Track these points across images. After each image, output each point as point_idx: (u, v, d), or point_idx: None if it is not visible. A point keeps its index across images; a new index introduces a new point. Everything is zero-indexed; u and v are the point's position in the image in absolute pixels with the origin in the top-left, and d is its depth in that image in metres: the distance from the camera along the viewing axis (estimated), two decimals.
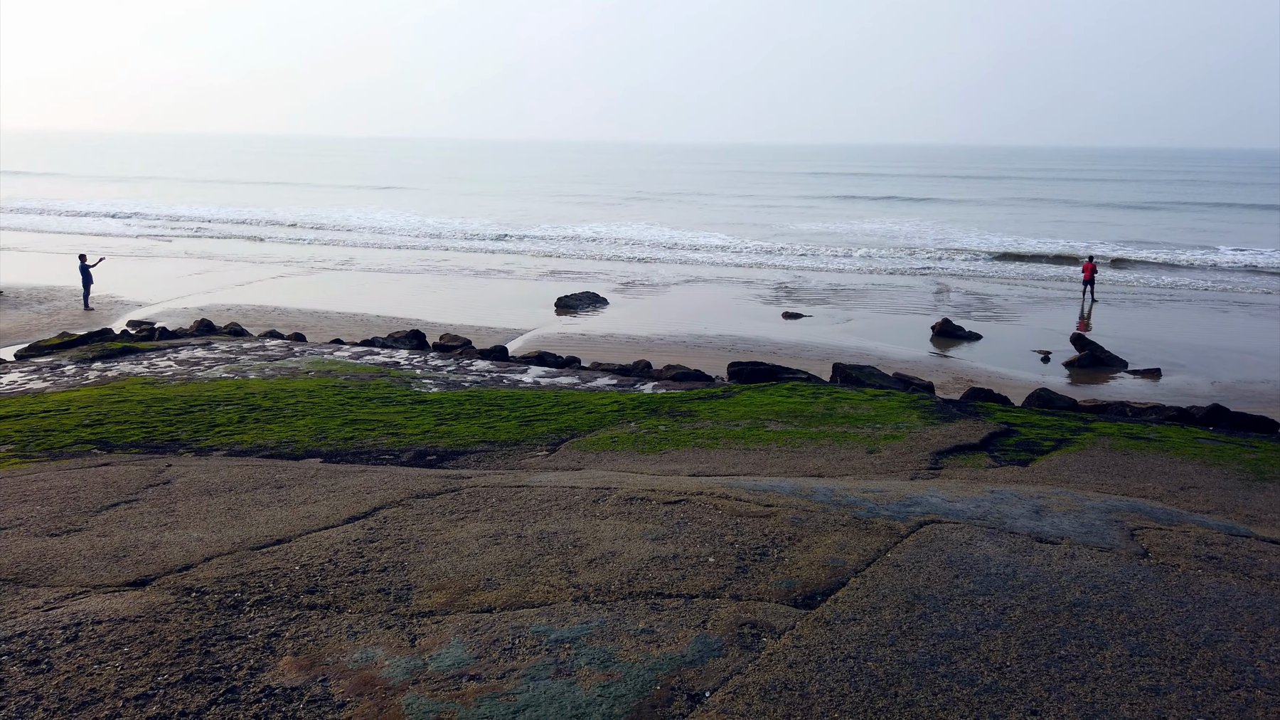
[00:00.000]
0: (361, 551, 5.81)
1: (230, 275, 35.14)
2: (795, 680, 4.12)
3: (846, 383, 15.86)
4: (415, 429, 11.91)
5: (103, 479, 8.11)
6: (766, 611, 4.84)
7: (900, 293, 33.17)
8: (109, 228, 51.53)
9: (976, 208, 72.70)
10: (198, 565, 5.57)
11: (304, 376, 15.87)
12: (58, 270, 29.56)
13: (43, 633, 4.52)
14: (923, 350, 22.90)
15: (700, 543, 5.88)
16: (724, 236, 50.14)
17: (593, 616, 4.77)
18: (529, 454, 10.71)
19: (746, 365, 16.95)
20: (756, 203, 76.61)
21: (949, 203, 76.53)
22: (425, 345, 20.78)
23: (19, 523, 6.72)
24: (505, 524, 6.39)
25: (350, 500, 7.18)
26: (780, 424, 11.66)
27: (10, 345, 21.31)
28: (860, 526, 6.23)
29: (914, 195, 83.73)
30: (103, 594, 5.13)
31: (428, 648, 4.41)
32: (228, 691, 3.99)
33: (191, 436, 11.23)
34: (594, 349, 21.87)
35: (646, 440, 11.03)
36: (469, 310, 27.79)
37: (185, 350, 18.83)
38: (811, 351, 21.94)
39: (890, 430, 11.15)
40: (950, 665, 4.30)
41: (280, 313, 26.75)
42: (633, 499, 6.94)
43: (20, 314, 26.28)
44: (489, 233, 51.15)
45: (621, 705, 3.89)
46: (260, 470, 8.54)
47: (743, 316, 27.47)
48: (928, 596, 5.05)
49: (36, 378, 16.40)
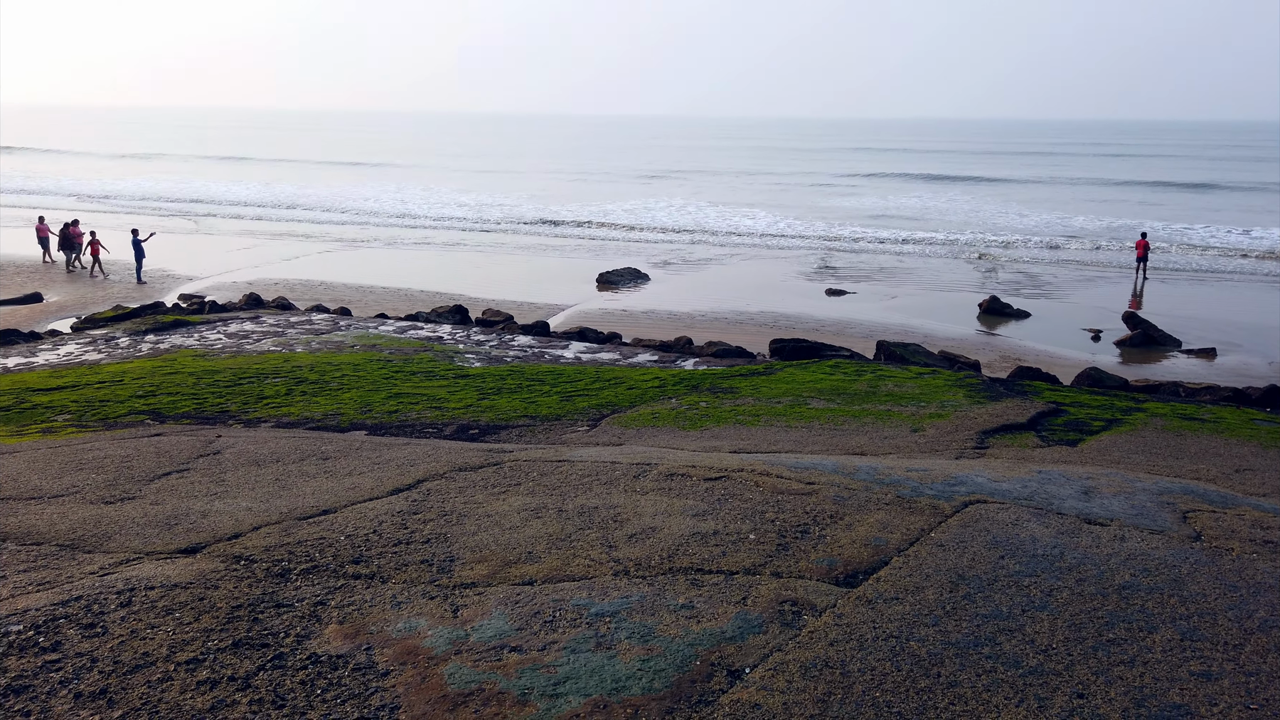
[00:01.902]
0: (405, 523, 5.88)
1: (276, 250, 35.64)
2: (836, 658, 4.09)
3: (890, 360, 15.67)
4: (458, 403, 12.01)
5: (155, 448, 8.30)
6: (807, 589, 4.81)
7: (946, 270, 32.66)
8: (141, 206, 52.57)
9: (1026, 184, 71.14)
10: (246, 534, 5.68)
11: (349, 350, 16.08)
12: (110, 244, 30.21)
13: (98, 597, 4.64)
14: (969, 328, 22.55)
15: (741, 519, 5.86)
16: (764, 212, 49.68)
17: (633, 591, 4.78)
18: (570, 429, 10.76)
19: (789, 342, 16.82)
20: (795, 179, 75.71)
21: (997, 179, 74.91)
22: (468, 320, 20.92)
23: (75, 490, 6.90)
24: (546, 498, 6.42)
25: (394, 472, 7.26)
26: (823, 401, 11.56)
27: (66, 318, 21.86)
28: (903, 505, 6.16)
29: (961, 172, 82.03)
30: (155, 560, 5.26)
31: (470, 619, 4.46)
32: (275, 658, 4.07)
33: (240, 408, 11.45)
34: (635, 325, 21.86)
35: (687, 416, 11.01)
36: (511, 285, 27.91)
37: (234, 324, 19.17)
38: (855, 329, 21.71)
39: (935, 409, 11.01)
40: (995, 647, 4.25)
41: (326, 287, 27.09)
42: (673, 475, 6.93)
43: (75, 287, 26.92)
44: (527, 209, 51.21)
45: (661, 679, 3.89)
46: (307, 442, 8.68)
47: (784, 293, 27.24)
48: (972, 577, 4.99)
49: (92, 349, 16.82)
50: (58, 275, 28.71)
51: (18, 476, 7.33)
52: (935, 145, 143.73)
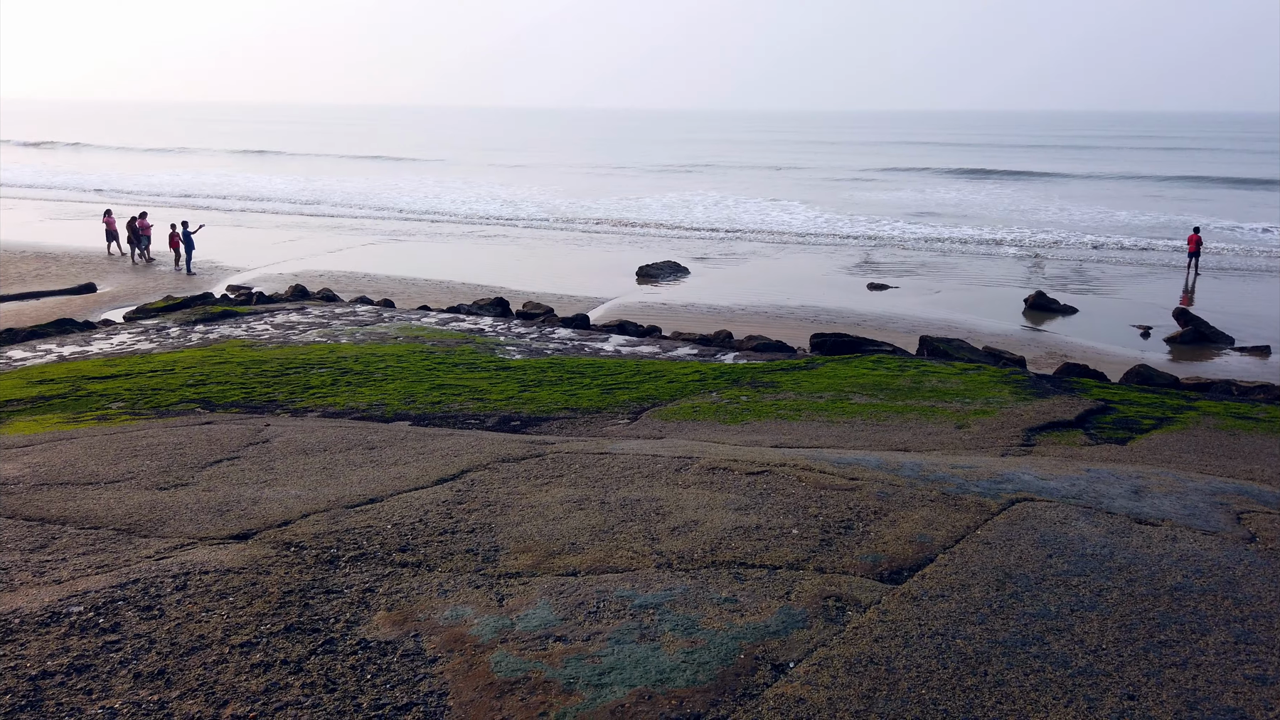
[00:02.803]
0: (450, 512, 5.95)
1: (321, 242, 36.14)
2: (881, 655, 4.08)
3: (934, 356, 15.51)
4: (500, 395, 12.11)
5: (206, 436, 8.48)
6: (851, 585, 4.79)
7: (990, 264, 32.20)
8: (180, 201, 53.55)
9: (1066, 178, 69.72)
10: (296, 521, 5.79)
11: (393, 341, 16.28)
12: (160, 235, 30.85)
13: (155, 580, 4.76)
14: (1014, 324, 22.23)
15: (783, 514, 5.85)
16: (802, 206, 49.33)
17: (676, 584, 4.80)
18: (610, 422, 10.80)
19: (830, 337, 16.72)
20: (830, 173, 74.92)
21: (1036, 173, 73.43)
22: (509, 313, 21.07)
23: (131, 476, 7.08)
24: (589, 490, 6.46)
25: (439, 462, 7.35)
26: (865, 397, 11.48)
27: (119, 308, 22.38)
28: (949, 503, 6.11)
29: (998, 166, 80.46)
30: (209, 546, 5.38)
31: (515, 608, 4.50)
32: (326, 643, 4.15)
33: (288, 398, 11.65)
34: (675, 318, 21.86)
35: (728, 410, 10.99)
36: (551, 278, 28.03)
37: (281, 314, 19.49)
38: (897, 324, 21.51)
39: (980, 405, 10.88)
40: (1043, 646, 4.20)
41: (370, 279, 27.43)
42: (715, 469, 6.93)
43: (127, 277, 27.54)
44: (564, 202, 51.35)
45: (705, 672, 3.91)
46: (353, 431, 8.81)
47: (825, 287, 27.06)
48: (1019, 576, 4.93)
49: (144, 339, 17.21)
50: (110, 266, 29.38)
51: (75, 462, 7.54)
52: (969, 138, 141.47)
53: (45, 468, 7.35)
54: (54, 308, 22.31)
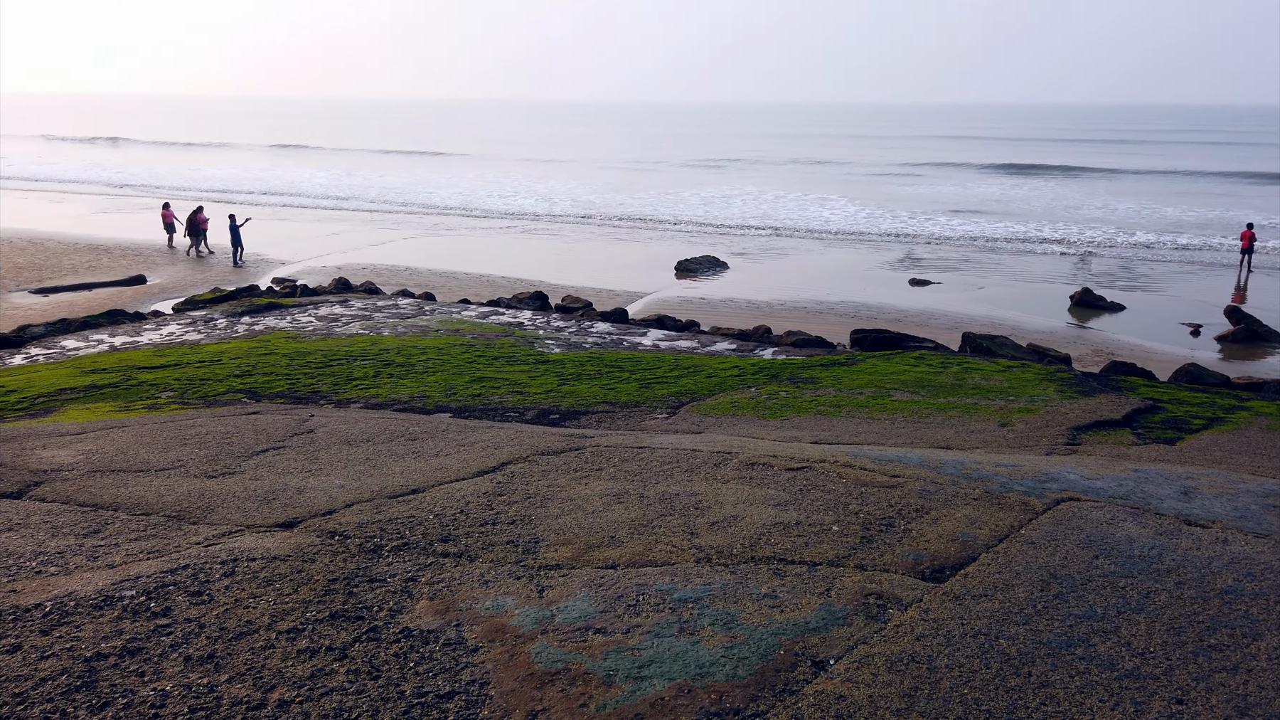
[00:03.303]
0: (491, 504, 6.00)
1: (363, 236, 36.58)
2: (923, 654, 4.04)
3: (977, 353, 15.31)
4: (539, 388, 12.18)
5: (253, 426, 8.63)
6: (892, 583, 4.76)
7: (1035, 260, 31.71)
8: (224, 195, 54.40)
9: (1109, 173, 68.24)
10: (340, 510, 5.88)
11: (434, 334, 16.43)
12: (219, 227, 31.44)
13: (204, 566, 4.86)
14: (1059, 321, 21.87)
15: (823, 511, 5.82)
16: (842, 201, 48.93)
17: (715, 578, 4.80)
18: (649, 416, 10.81)
19: (870, 333, 16.58)
20: (868, 167, 74.11)
21: (1077, 168, 71.90)
22: (548, 306, 21.17)
23: (180, 464, 7.24)
24: (628, 484, 6.48)
25: (479, 454, 7.42)
26: (906, 394, 11.37)
27: (168, 299, 22.85)
28: (992, 501, 6.03)
29: (1038, 160, 78.84)
30: (255, 533, 5.48)
31: (555, 600, 4.53)
32: (370, 630, 4.21)
33: (331, 389, 11.82)
34: (713, 313, 21.81)
35: (767, 406, 10.95)
36: (590, 272, 28.11)
37: (325, 307, 19.77)
38: (939, 320, 21.26)
39: (1024, 403, 10.72)
40: (1089, 648, 4.14)
41: (411, 272, 27.71)
42: (754, 464, 6.92)
43: (176, 269, 28.11)
44: (603, 197, 51.42)
45: (745, 667, 3.90)
46: (395, 423, 8.92)
47: (866, 283, 26.82)
48: (1065, 576, 4.86)
49: (192, 329, 17.55)
50: (159, 258, 30.00)
51: (127, 450, 7.72)
52: (1004, 132, 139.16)
53: (98, 455, 7.53)
54: (106, 299, 22.85)
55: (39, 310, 21.40)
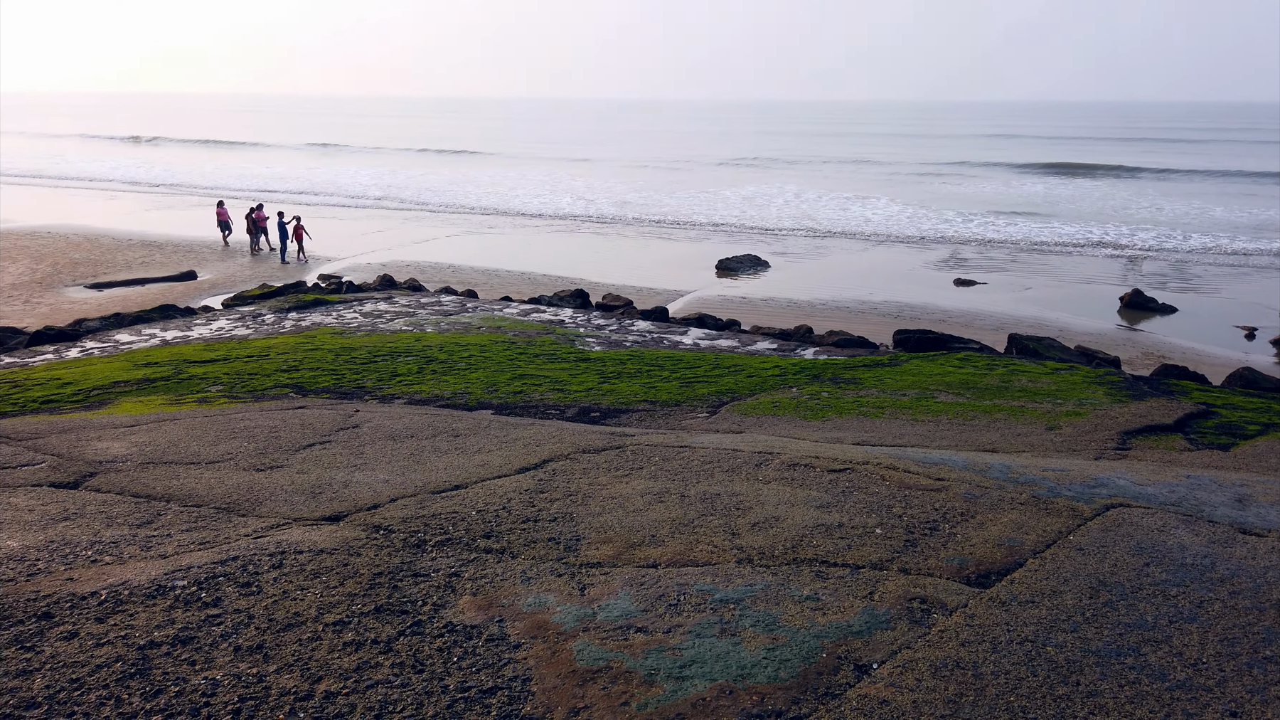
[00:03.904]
0: (533, 501, 6.04)
1: (407, 233, 36.98)
2: (968, 659, 3.99)
3: (1023, 354, 15.07)
4: (579, 386, 12.22)
5: (300, 421, 8.77)
6: (937, 587, 4.70)
7: (1083, 261, 31.13)
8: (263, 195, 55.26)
9: (1162, 173, 66.52)
10: (384, 505, 5.95)
11: (476, 331, 16.57)
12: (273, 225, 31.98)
13: (253, 558, 4.95)
14: (1108, 322, 21.46)
15: (866, 513, 5.77)
16: (884, 200, 48.42)
17: (756, 579, 4.78)
18: (690, 415, 10.80)
19: (914, 333, 16.40)
20: (908, 166, 73.06)
21: (1124, 167, 70.12)
22: (589, 305, 21.22)
23: (229, 457, 7.38)
24: (668, 483, 6.48)
25: (521, 451, 7.46)
26: (951, 395, 11.23)
27: (218, 294, 23.30)
28: (1039, 506, 5.94)
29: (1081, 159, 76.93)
30: (302, 526, 5.57)
31: (596, 598, 4.55)
32: (414, 624, 4.26)
33: (375, 384, 11.97)
34: (754, 312, 21.72)
35: (809, 406, 10.88)
36: (630, 271, 28.14)
37: (369, 303, 20.03)
38: (984, 321, 20.97)
39: (1072, 406, 10.53)
40: (1139, 657, 4.05)
41: (454, 269, 27.96)
42: (796, 465, 6.88)
43: (226, 266, 28.64)
44: (643, 195, 51.42)
45: (787, 669, 3.89)
46: (438, 419, 9.01)
47: (909, 282, 26.53)
48: (1114, 584, 4.77)
49: (240, 325, 17.88)
50: (209, 254, 30.59)
51: (178, 442, 7.89)
52: (1044, 131, 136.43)
53: (151, 447, 7.71)
54: (158, 294, 23.36)
55: (94, 305, 21.95)
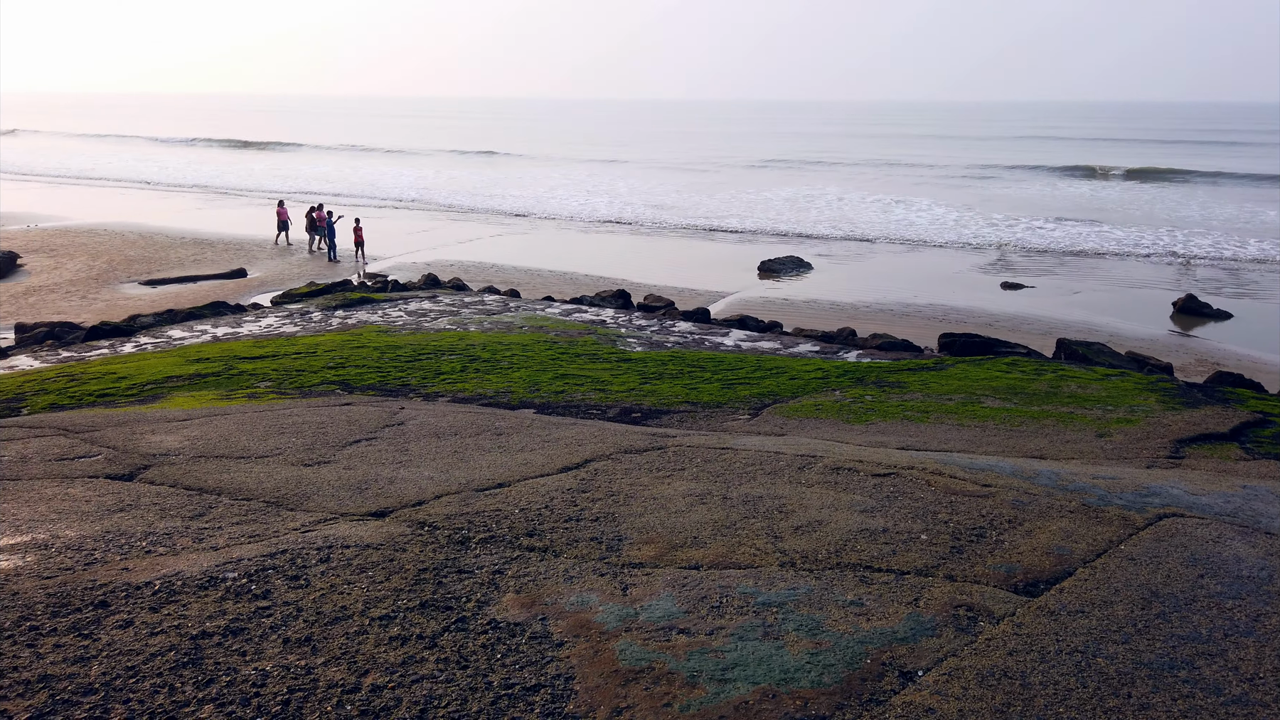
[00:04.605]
0: (575, 500, 6.07)
1: (451, 233, 37.34)
2: (1016, 669, 3.93)
3: (1072, 360, 14.81)
4: (621, 386, 12.25)
5: (346, 417, 8.90)
6: (984, 595, 4.64)
7: (1134, 265, 30.50)
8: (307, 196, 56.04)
9: (1210, 176, 64.72)
10: (429, 502, 6.02)
11: (518, 331, 16.68)
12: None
13: (301, 552, 5.03)
14: (1160, 328, 20.99)
15: (911, 519, 5.71)
16: (927, 201, 47.86)
17: (799, 583, 4.75)
18: (731, 417, 10.77)
19: (960, 337, 16.19)
20: (949, 168, 71.94)
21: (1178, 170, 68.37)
22: (630, 305, 21.26)
23: (278, 452, 7.51)
24: (710, 484, 6.46)
25: (563, 451, 7.50)
26: (998, 400, 11.06)
27: (267, 292, 23.72)
28: (1089, 514, 5.83)
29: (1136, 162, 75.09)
30: (349, 521, 5.65)
31: (639, 598, 4.56)
32: (458, 620, 4.30)
33: (420, 382, 12.10)
34: (796, 314, 21.60)
35: (852, 410, 10.79)
36: (672, 272, 28.13)
37: (414, 302, 20.25)
38: (1032, 325, 20.63)
39: (1124, 414, 10.32)
40: (1192, 671, 3.96)
41: (496, 269, 28.17)
42: (839, 469, 6.83)
43: (275, 263, 29.16)
44: (685, 196, 51.34)
45: (831, 674, 3.86)
46: (481, 417, 9.08)
47: (955, 285, 26.20)
48: (1167, 595, 4.67)
49: (289, 322, 18.19)
50: (259, 252, 31.16)
51: (229, 437, 8.05)
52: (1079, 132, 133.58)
53: (202, 441, 7.87)
54: (209, 291, 23.85)
55: (148, 301, 22.48)
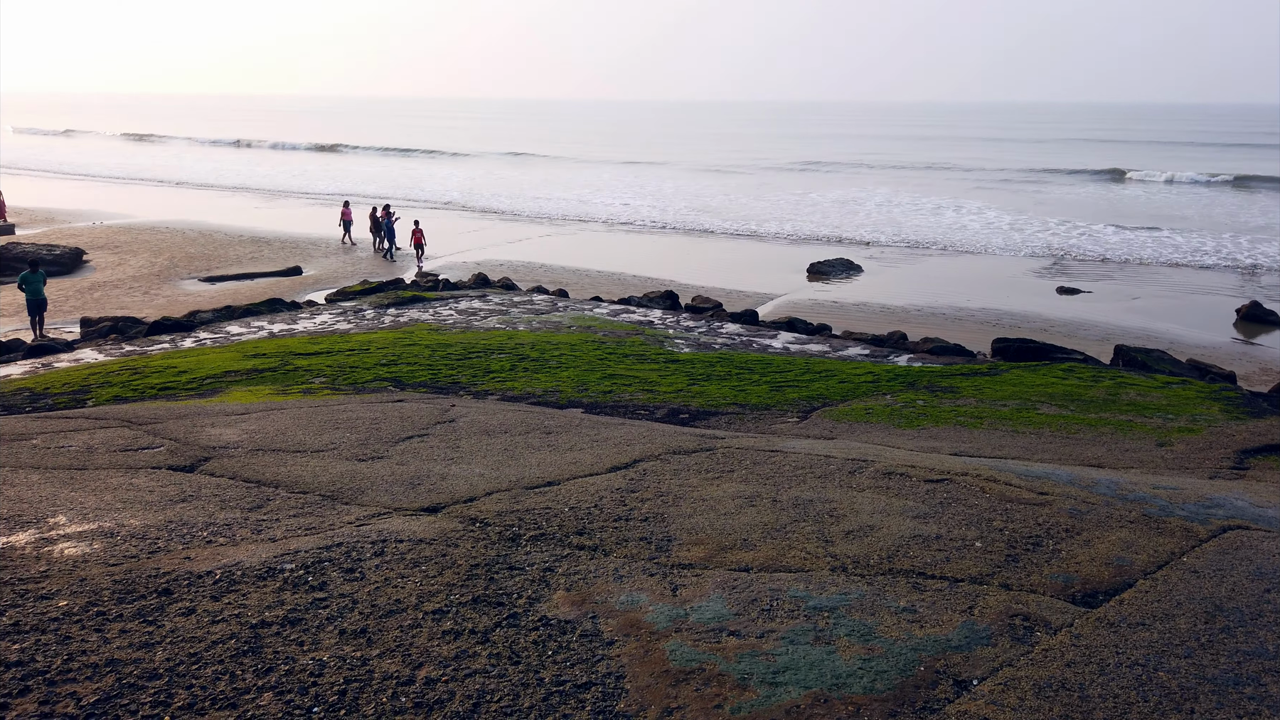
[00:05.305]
0: (624, 500, 6.08)
1: (501, 233, 37.67)
2: (1074, 680, 3.85)
3: (1130, 367, 14.46)
4: (668, 387, 12.25)
5: (399, 413, 9.03)
6: (1040, 605, 4.55)
7: (1197, 271, 29.68)
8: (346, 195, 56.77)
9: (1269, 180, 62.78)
10: (480, 499, 6.08)
11: (566, 331, 16.76)
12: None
13: (356, 545, 5.12)
14: (1223, 335, 20.41)
15: (965, 525, 5.63)
16: (977, 203, 47.08)
17: (851, 588, 4.71)
18: (780, 419, 10.71)
19: (1014, 342, 15.91)
20: (1003, 171, 70.57)
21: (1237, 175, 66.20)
22: (678, 306, 21.24)
23: (333, 447, 7.64)
24: (760, 487, 6.44)
25: (612, 450, 7.52)
26: (1054, 407, 10.85)
27: (321, 290, 24.15)
28: (1150, 525, 5.69)
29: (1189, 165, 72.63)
30: (402, 516, 5.73)
31: (688, 599, 4.55)
32: (509, 616, 4.34)
33: (470, 380, 12.23)
34: (846, 317, 21.40)
35: (903, 414, 10.67)
36: (719, 273, 28.05)
37: (464, 301, 20.47)
38: (1089, 331, 20.20)
39: (1185, 422, 10.06)
40: (1258, 687, 3.85)
41: (545, 269, 28.35)
42: (891, 473, 6.75)
43: (329, 261, 29.67)
44: (733, 198, 51.17)
45: (884, 681, 3.82)
46: (530, 416, 9.15)
47: (1010, 289, 25.75)
48: (1231, 609, 4.54)
49: (342, 319, 18.50)
50: (313, 250, 31.73)
51: (285, 431, 8.21)
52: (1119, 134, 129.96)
53: (260, 435, 8.04)
54: (266, 288, 24.36)
55: (207, 297, 23.02)
